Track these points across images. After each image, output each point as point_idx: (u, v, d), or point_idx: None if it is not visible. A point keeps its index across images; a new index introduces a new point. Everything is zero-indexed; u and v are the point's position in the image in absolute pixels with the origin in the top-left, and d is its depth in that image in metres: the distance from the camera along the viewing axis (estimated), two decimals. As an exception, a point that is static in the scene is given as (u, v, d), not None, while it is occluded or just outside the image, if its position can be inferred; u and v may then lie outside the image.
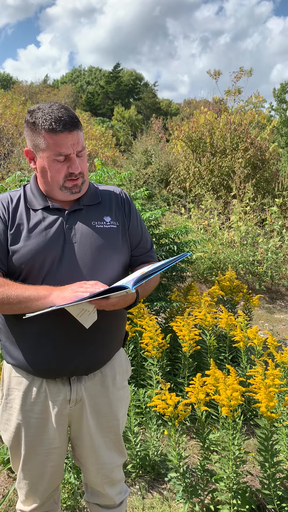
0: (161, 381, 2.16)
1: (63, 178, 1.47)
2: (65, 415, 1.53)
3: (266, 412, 2.07)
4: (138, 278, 1.32)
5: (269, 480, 2.16)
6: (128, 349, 3.33)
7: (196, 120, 11.45)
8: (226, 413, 2.10)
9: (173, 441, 2.19)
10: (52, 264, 1.43)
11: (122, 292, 1.29)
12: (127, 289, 1.26)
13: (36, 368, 1.47)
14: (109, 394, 1.60)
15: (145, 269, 1.40)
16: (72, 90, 43.53)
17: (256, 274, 7.00)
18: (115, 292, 1.28)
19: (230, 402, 2.09)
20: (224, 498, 2.21)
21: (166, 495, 2.45)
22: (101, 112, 43.82)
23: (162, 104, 48.01)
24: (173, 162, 12.42)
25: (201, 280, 6.91)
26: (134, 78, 51.08)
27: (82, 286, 1.31)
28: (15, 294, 1.34)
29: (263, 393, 2.10)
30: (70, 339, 1.45)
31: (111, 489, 1.70)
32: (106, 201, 1.62)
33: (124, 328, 1.69)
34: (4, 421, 1.58)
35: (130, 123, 37.18)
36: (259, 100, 12.35)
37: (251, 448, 2.84)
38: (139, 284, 1.32)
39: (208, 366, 2.36)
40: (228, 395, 2.09)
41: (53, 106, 1.43)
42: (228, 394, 2.09)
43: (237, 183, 9.71)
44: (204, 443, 2.32)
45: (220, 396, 2.12)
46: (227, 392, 2.09)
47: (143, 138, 15.31)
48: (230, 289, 4.19)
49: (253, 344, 3.05)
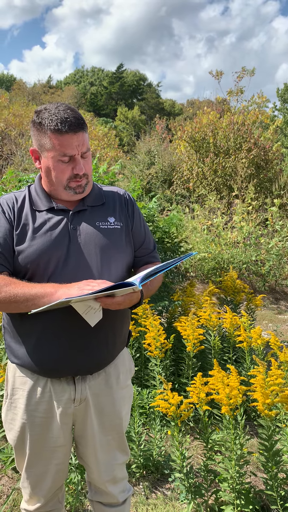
0: (163, 381, 2.16)
1: (67, 179, 1.48)
2: (69, 414, 1.54)
3: (263, 410, 2.08)
4: (144, 276, 1.33)
5: (272, 481, 2.16)
6: (132, 349, 3.33)
7: (199, 120, 11.44)
8: (226, 412, 2.10)
9: (176, 441, 2.19)
10: (57, 264, 1.44)
11: (128, 289, 1.29)
12: (134, 285, 1.27)
13: (40, 368, 1.48)
14: (113, 393, 1.61)
15: (151, 268, 1.41)
16: (75, 91, 43.60)
17: (259, 275, 7.00)
18: (121, 289, 1.28)
19: (230, 401, 2.09)
20: (228, 499, 2.21)
21: (170, 496, 2.46)
22: (105, 113, 43.87)
23: (166, 104, 47.98)
24: (176, 163, 12.41)
25: (205, 281, 6.91)
26: (137, 78, 51.06)
27: (89, 284, 1.32)
28: (21, 292, 1.34)
29: (259, 391, 2.11)
30: (75, 338, 1.46)
31: (114, 487, 1.71)
32: (110, 202, 1.63)
33: (127, 327, 1.70)
34: (9, 420, 1.59)
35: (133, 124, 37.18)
36: (262, 100, 12.32)
37: (255, 449, 2.84)
38: (146, 282, 1.33)
39: (212, 367, 2.36)
40: (227, 393, 2.09)
41: (59, 107, 1.45)
42: (227, 391, 2.09)
43: (239, 183, 9.70)
44: (207, 443, 2.32)
45: (219, 395, 2.13)
46: (225, 391, 2.10)
47: (146, 139, 15.31)
48: (232, 289, 4.19)
49: (257, 344, 3.05)
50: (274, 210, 7.57)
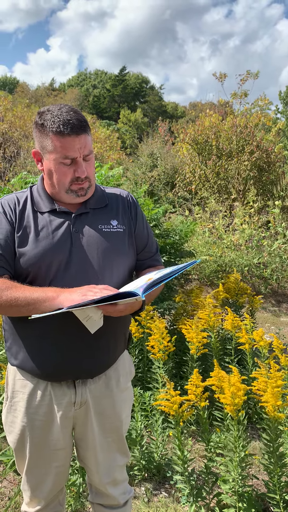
0: (166, 380, 2.16)
1: (69, 181, 1.46)
2: (69, 418, 1.53)
3: (273, 412, 2.07)
4: (147, 286, 1.28)
5: (275, 484, 2.15)
6: (135, 351, 3.33)
7: (201, 123, 11.44)
8: (230, 412, 2.09)
9: (178, 441, 2.18)
10: (59, 267, 1.43)
11: (132, 299, 1.26)
12: (137, 296, 1.23)
13: (41, 371, 1.48)
14: (113, 395, 1.61)
15: (153, 276, 1.38)
16: (78, 93, 43.69)
17: (262, 277, 6.98)
18: (124, 299, 1.26)
19: (235, 401, 2.08)
20: (230, 501, 2.20)
21: (172, 498, 2.45)
22: (107, 115, 43.92)
23: (168, 107, 48.03)
24: (179, 165, 12.41)
25: (207, 283, 6.89)
26: (140, 81, 51.14)
27: (92, 290, 1.30)
28: (23, 296, 1.33)
29: (270, 392, 2.09)
30: (75, 342, 1.45)
31: (114, 489, 1.70)
32: (113, 204, 1.62)
33: (128, 330, 1.69)
34: (9, 423, 1.58)
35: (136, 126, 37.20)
36: (264, 102, 12.32)
37: (257, 452, 2.83)
38: (149, 291, 1.28)
39: (213, 369, 2.36)
40: (234, 392, 2.07)
41: (62, 109, 1.43)
42: (233, 390, 2.08)
43: (236, 186, 9.69)
44: (208, 443, 2.31)
45: (224, 395, 2.11)
46: (231, 390, 2.08)
47: (149, 141, 15.33)
48: (235, 291, 4.18)
49: (259, 346, 3.04)
50: (276, 212, 7.56)
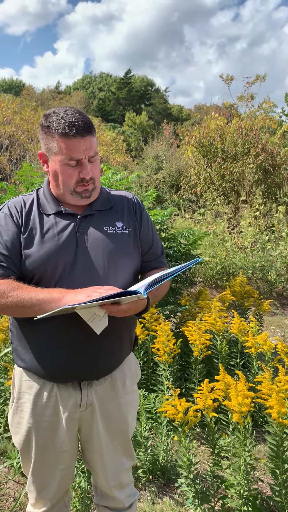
0: (170, 387, 2.15)
1: (74, 183, 1.48)
2: (75, 419, 1.54)
3: (278, 419, 2.06)
4: (149, 284, 1.31)
5: (280, 487, 2.14)
6: (140, 353, 3.33)
7: (206, 125, 11.44)
8: (237, 420, 2.08)
9: (183, 447, 2.18)
10: (65, 269, 1.44)
11: (133, 296, 1.28)
12: (139, 293, 1.26)
13: (46, 373, 1.48)
14: (119, 398, 1.61)
15: (156, 275, 1.39)
16: (83, 96, 43.84)
17: (266, 280, 6.96)
18: (126, 296, 1.27)
19: (242, 409, 2.07)
20: (235, 505, 2.19)
21: (176, 501, 2.44)
22: (113, 118, 44.01)
23: (173, 109, 48.04)
24: (184, 168, 12.42)
25: (212, 286, 6.89)
26: (145, 84, 51.22)
27: (97, 290, 1.31)
28: (28, 297, 1.34)
29: (275, 398, 2.08)
30: (81, 344, 1.46)
31: (120, 492, 1.70)
32: (118, 206, 1.63)
33: (134, 332, 1.70)
34: (15, 424, 1.59)
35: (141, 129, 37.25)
36: (269, 105, 12.32)
37: (262, 455, 2.82)
38: (151, 289, 1.31)
39: (219, 372, 2.35)
40: (240, 401, 2.07)
41: (68, 111, 1.44)
42: (240, 400, 2.07)
43: (247, 189, 9.68)
44: (214, 449, 2.31)
45: (231, 402, 2.11)
46: (238, 399, 2.08)
47: (154, 144, 15.36)
48: (241, 294, 4.17)
49: (263, 350, 3.03)
50: (280, 217, 7.54)
